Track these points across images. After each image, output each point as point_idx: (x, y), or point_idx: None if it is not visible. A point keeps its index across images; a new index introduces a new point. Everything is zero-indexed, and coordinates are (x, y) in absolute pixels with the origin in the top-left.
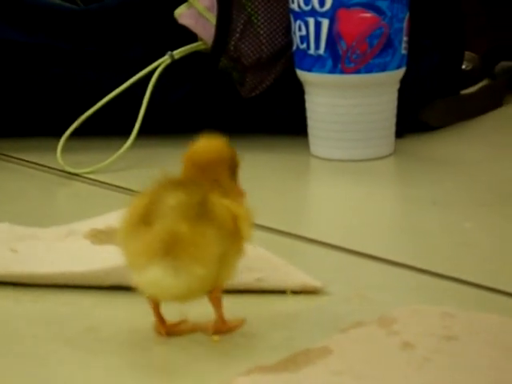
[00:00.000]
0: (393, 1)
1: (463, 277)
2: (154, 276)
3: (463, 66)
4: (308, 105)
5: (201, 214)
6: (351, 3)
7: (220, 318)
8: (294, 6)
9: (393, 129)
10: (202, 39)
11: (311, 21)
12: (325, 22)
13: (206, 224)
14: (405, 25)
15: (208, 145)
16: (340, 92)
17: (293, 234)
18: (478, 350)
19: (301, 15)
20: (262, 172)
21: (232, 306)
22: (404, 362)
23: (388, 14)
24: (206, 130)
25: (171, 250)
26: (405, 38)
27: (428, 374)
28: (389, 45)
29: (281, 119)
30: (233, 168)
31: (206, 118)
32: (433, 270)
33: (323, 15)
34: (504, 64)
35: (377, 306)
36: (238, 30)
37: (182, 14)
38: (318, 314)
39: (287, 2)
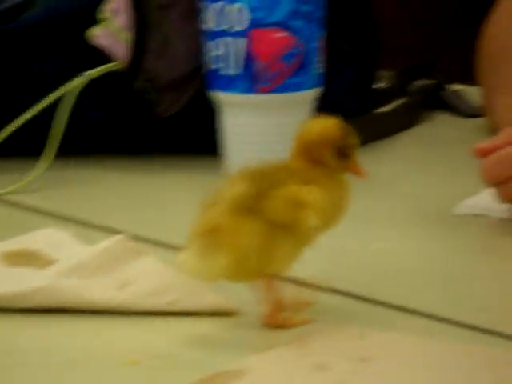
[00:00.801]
0: (307, 21)
1: (376, 297)
2: (182, 257)
3: (380, 85)
4: (222, 125)
5: (248, 206)
6: (266, 23)
7: (269, 310)
8: (208, 26)
9: None
10: (117, 59)
11: (225, 41)
12: (239, 42)
13: (248, 216)
14: (320, 44)
15: (312, 126)
16: (255, 112)
17: None
18: (392, 371)
19: (215, 35)
20: (176, 192)
21: (148, 326)
22: None
23: (303, 33)
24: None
25: (205, 236)
26: (320, 58)
27: None
28: (303, 65)
29: (196, 139)
30: (343, 149)
31: (122, 138)
32: (345, 290)
33: (238, 35)
34: (419, 82)
35: (292, 328)
36: (153, 49)
37: (97, 34)
38: (233, 335)
39: (202, 22)
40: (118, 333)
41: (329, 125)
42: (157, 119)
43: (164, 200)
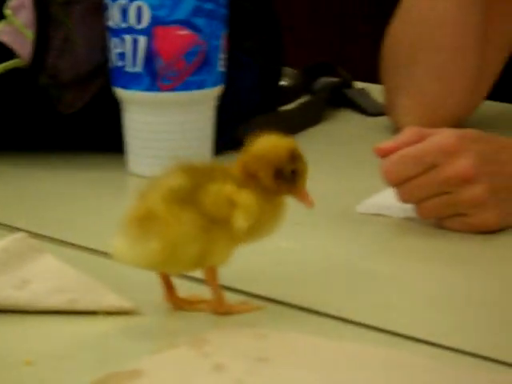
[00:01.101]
0: (210, 18)
1: (277, 297)
2: (115, 244)
3: (283, 82)
4: (125, 122)
5: (183, 196)
6: (168, 20)
7: (215, 297)
8: (112, 23)
9: (210, 146)
10: (20, 56)
11: (128, 38)
12: (142, 40)
13: (183, 206)
14: (222, 42)
15: (261, 141)
16: (157, 110)
17: (106, 253)
18: (290, 371)
19: (118, 32)
20: (78, 190)
21: (43, 326)
22: None
23: (205, 31)
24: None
25: (139, 223)
26: (222, 56)
27: None
28: (206, 62)
29: (99, 136)
30: (284, 172)
31: (25, 134)
32: (246, 289)
33: (140, 32)
34: (323, 80)
35: (189, 327)
36: (57, 46)
37: (0, 30)
38: (130, 335)
39: (105, 19)
40: (13, 332)
41: (277, 144)
42: (61, 116)
43: (68, 198)
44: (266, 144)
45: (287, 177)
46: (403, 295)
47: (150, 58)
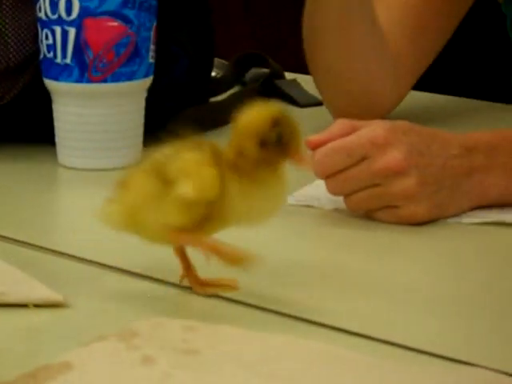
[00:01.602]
0: (140, 10)
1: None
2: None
3: (213, 74)
4: (56, 114)
5: (156, 168)
6: (98, 12)
7: (185, 272)
8: (41, 15)
9: (141, 138)
10: None
11: (58, 29)
12: (71, 31)
13: (150, 174)
14: (152, 33)
15: (242, 115)
16: (87, 101)
17: (36, 246)
18: (219, 364)
19: (48, 23)
20: (7, 181)
21: None
22: (144, 377)
23: (135, 22)
24: None
25: (116, 187)
26: (152, 47)
27: None
28: (136, 54)
29: (29, 128)
30: (270, 139)
31: None
32: (172, 281)
33: (70, 24)
34: (255, 71)
35: (119, 319)
36: None
37: None
38: (60, 327)
39: (36, 10)
40: None
41: (257, 113)
42: None
43: None
44: (246, 116)
45: (274, 143)
46: (331, 286)
47: (80, 49)
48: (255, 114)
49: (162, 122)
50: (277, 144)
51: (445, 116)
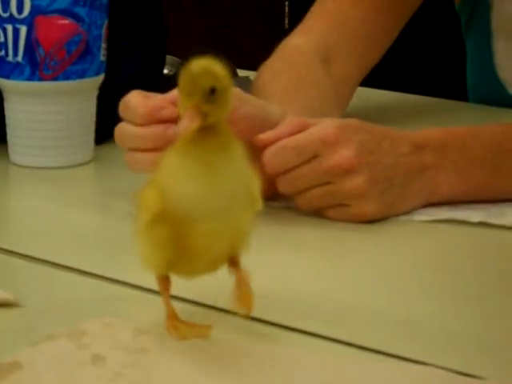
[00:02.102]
0: (91, 8)
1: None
2: None
3: (165, 71)
4: (7, 112)
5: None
6: (49, 10)
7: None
8: None
9: (92, 135)
10: None
11: (9, 27)
12: (23, 29)
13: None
14: (103, 31)
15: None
16: (39, 99)
17: None
18: (170, 364)
19: None
20: None
21: None
22: (95, 377)
23: (86, 20)
24: None
25: None
26: (104, 45)
27: None
28: (87, 52)
29: None
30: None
31: None
32: (124, 280)
33: (21, 22)
34: None
35: (69, 319)
36: None
37: None
38: (10, 326)
39: None
40: None
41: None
42: None
43: None
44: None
45: (208, 98)
46: (281, 284)
47: (31, 47)
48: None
49: (113, 119)
50: (211, 99)
51: (396, 113)
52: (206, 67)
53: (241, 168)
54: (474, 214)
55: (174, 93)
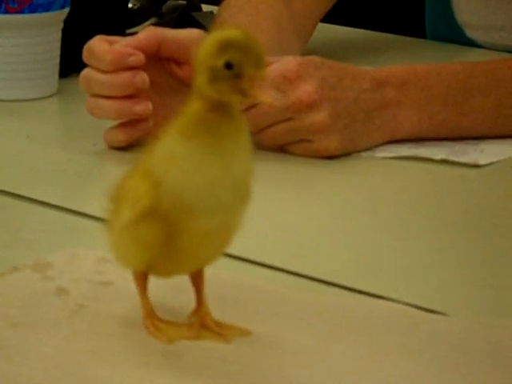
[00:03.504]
0: None
1: None
2: None
3: (130, 5)
4: None
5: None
6: None
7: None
8: None
9: (57, 69)
10: None
11: None
12: None
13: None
14: None
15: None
16: (4, 32)
17: None
18: (131, 295)
19: None
20: None
21: None
22: (58, 309)
23: None
24: None
25: None
26: None
27: (83, 320)
28: None
29: None
30: (213, 68)
31: None
32: (88, 212)
33: None
34: (171, 2)
35: (33, 251)
36: None
37: None
38: None
39: None
40: None
41: (205, 40)
42: None
43: None
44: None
45: (223, 75)
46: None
47: None
48: (204, 40)
49: (78, 52)
50: (227, 75)
51: (356, 50)
52: (224, 40)
53: (247, 159)
54: (437, 152)
55: (138, 37)
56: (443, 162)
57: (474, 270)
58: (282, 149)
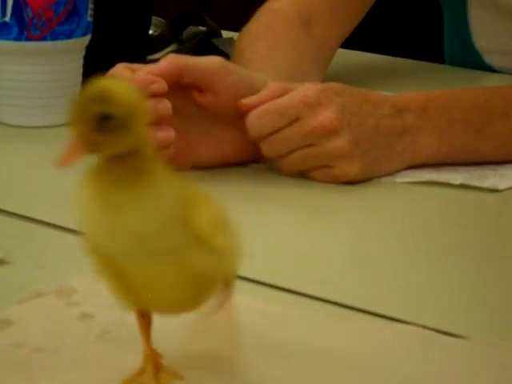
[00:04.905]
0: None
1: None
2: None
3: (151, 32)
4: None
5: None
6: None
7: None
8: None
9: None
10: None
11: None
12: None
13: None
14: None
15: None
16: (26, 59)
17: None
18: (157, 320)
19: None
20: None
21: None
22: (82, 334)
23: None
24: None
25: None
26: (91, 6)
27: (107, 346)
28: (74, 12)
29: None
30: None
31: None
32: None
33: None
34: (192, 29)
35: (57, 276)
36: None
37: None
38: None
39: None
40: None
41: (89, 87)
42: None
43: None
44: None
45: (99, 126)
46: (267, 244)
47: (19, 7)
48: (89, 86)
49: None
50: (104, 127)
51: (376, 75)
52: (99, 90)
53: (162, 204)
54: (456, 176)
55: (160, 65)
56: (462, 186)
57: (494, 293)
58: (302, 174)
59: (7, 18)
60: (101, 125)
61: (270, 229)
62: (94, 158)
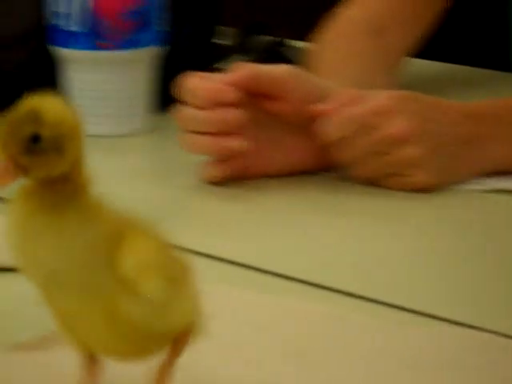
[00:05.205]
0: None
1: None
2: None
3: (220, 41)
4: (63, 80)
5: None
6: None
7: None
8: None
9: (145, 105)
10: None
11: None
12: None
13: None
14: (162, 1)
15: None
16: (95, 68)
17: None
18: None
19: None
20: None
21: None
22: None
23: None
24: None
25: None
26: (162, 15)
27: None
28: (145, 21)
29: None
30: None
31: None
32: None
33: None
34: (259, 38)
35: None
36: None
37: None
38: None
39: None
40: None
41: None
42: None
43: None
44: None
45: (28, 147)
46: (339, 252)
47: (89, 16)
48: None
49: (166, 88)
50: (32, 149)
51: (447, 84)
52: (29, 110)
53: (80, 238)
54: None
55: (234, 74)
56: None
57: None
58: (372, 183)
59: (76, 27)
60: (30, 146)
61: (341, 238)
62: (25, 181)
